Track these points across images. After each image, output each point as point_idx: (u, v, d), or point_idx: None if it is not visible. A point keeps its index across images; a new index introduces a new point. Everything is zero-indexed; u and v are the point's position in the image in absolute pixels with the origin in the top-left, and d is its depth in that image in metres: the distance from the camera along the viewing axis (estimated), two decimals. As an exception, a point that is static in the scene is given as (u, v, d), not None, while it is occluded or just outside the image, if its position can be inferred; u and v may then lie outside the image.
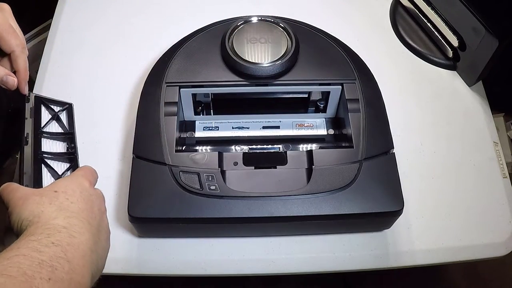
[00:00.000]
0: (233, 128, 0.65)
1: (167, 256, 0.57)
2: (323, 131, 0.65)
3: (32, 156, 0.54)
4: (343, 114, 0.62)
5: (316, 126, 0.66)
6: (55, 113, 0.61)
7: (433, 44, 0.77)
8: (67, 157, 0.58)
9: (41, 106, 0.60)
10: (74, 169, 0.54)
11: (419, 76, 0.74)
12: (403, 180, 0.55)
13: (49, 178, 0.54)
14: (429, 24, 0.76)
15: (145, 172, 0.54)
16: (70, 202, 0.43)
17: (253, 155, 0.58)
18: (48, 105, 0.61)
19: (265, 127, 0.65)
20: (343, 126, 0.63)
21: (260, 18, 0.64)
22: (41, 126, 0.58)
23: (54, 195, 0.43)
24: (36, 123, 0.58)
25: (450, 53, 0.74)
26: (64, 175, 0.55)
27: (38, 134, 0.57)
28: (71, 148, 0.59)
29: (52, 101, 0.62)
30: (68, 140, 0.60)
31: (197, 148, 0.63)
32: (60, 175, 0.55)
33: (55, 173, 0.55)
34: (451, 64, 0.75)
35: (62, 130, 0.61)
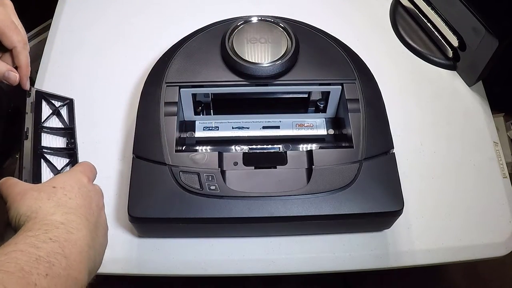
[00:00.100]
0: (233, 128, 0.65)
1: (167, 256, 0.57)
2: (323, 131, 0.65)
3: (32, 151, 0.54)
4: (343, 114, 0.62)
5: (316, 126, 0.66)
6: (56, 108, 0.61)
7: (433, 44, 0.77)
8: (67, 153, 0.57)
9: (42, 101, 0.60)
10: (74, 165, 0.53)
11: (419, 76, 0.74)
12: (403, 180, 0.55)
13: (48, 173, 0.54)
14: (429, 24, 0.76)
15: (145, 172, 0.54)
16: (68, 198, 0.43)
17: (253, 155, 0.58)
18: (49, 100, 0.61)
19: (265, 127, 0.65)
20: (343, 126, 0.63)
21: (260, 18, 0.64)
22: (42, 121, 0.58)
23: (53, 191, 0.43)
24: (37, 118, 0.57)
25: (450, 53, 0.74)
26: (63, 171, 0.55)
27: (38, 129, 0.57)
28: (71, 144, 0.59)
29: (53, 96, 0.62)
30: (68, 136, 0.60)
31: (197, 148, 0.63)
32: (60, 171, 0.55)
33: (54, 168, 0.55)
34: (451, 64, 0.75)
35: (63, 125, 0.60)
